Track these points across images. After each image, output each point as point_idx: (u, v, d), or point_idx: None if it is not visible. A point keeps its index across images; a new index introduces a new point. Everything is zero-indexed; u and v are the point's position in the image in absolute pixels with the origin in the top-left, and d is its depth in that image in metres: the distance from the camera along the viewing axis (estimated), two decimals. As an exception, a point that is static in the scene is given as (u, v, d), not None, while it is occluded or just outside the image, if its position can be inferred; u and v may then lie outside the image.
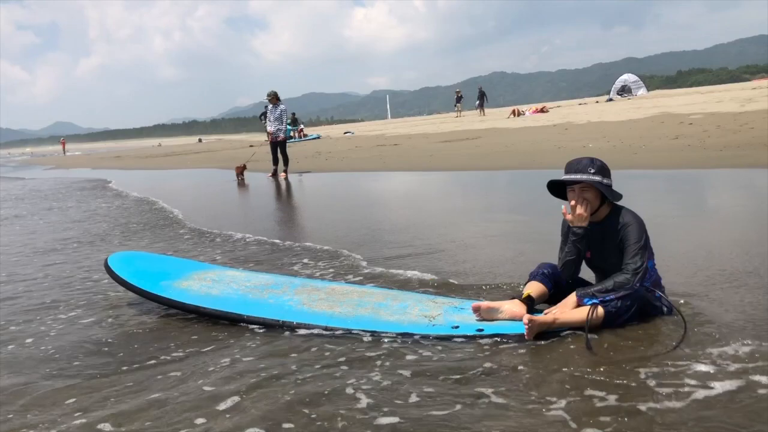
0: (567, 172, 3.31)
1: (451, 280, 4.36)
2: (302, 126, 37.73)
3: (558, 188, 3.45)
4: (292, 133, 33.47)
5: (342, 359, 3.03)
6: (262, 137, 34.42)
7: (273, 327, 3.55)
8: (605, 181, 3.25)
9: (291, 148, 16.16)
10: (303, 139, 33.34)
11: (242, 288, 4.06)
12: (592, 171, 3.23)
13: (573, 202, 3.29)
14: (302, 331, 3.45)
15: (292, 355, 3.14)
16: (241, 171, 15.35)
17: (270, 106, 15.05)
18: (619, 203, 3.33)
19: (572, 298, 3.22)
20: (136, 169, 24.54)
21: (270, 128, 15.02)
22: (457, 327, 3.25)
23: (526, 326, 3.03)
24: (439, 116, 40.06)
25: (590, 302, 3.11)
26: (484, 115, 38.97)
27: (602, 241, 3.33)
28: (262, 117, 32.78)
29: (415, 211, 8.07)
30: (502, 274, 4.45)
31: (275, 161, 15.20)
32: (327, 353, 3.13)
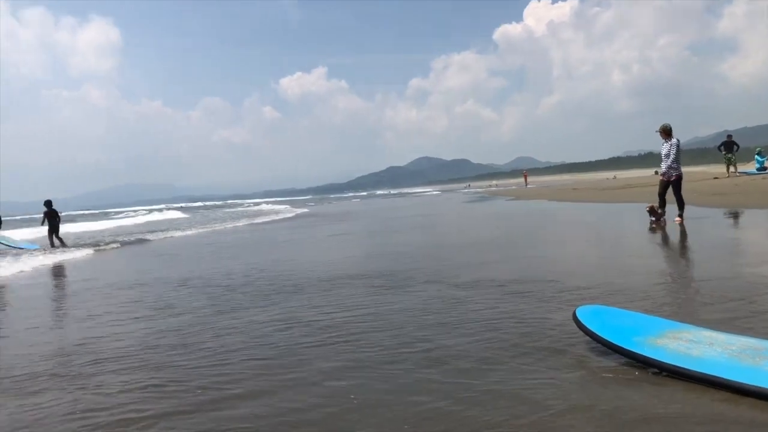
0: None
1: None
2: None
3: None
4: (766, 164, 29.21)
5: None
6: (722, 168, 31.27)
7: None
8: None
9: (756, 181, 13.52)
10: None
11: (727, 351, 3.54)
12: None
13: None
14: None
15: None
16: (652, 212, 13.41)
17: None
18: None
19: None
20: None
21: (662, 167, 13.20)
22: None
23: None
24: None
25: None
26: None
27: None
28: (721, 147, 29.94)
29: None
30: None
31: (661, 203, 13.23)
32: None
